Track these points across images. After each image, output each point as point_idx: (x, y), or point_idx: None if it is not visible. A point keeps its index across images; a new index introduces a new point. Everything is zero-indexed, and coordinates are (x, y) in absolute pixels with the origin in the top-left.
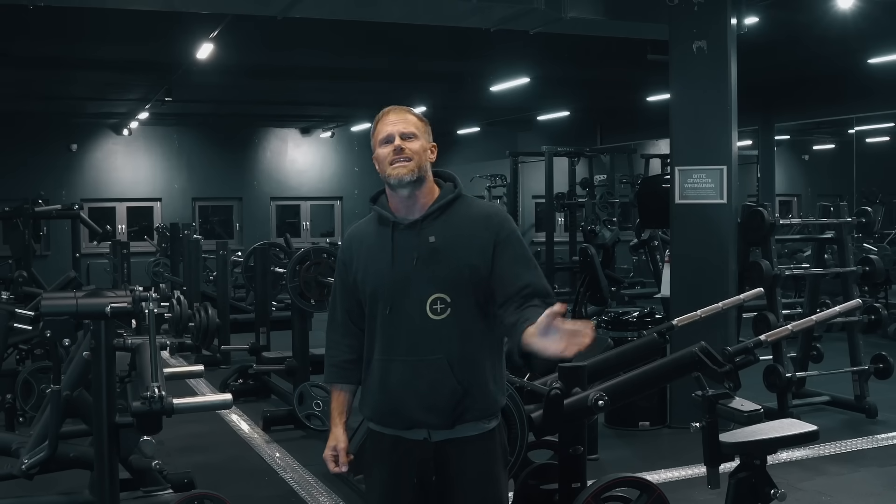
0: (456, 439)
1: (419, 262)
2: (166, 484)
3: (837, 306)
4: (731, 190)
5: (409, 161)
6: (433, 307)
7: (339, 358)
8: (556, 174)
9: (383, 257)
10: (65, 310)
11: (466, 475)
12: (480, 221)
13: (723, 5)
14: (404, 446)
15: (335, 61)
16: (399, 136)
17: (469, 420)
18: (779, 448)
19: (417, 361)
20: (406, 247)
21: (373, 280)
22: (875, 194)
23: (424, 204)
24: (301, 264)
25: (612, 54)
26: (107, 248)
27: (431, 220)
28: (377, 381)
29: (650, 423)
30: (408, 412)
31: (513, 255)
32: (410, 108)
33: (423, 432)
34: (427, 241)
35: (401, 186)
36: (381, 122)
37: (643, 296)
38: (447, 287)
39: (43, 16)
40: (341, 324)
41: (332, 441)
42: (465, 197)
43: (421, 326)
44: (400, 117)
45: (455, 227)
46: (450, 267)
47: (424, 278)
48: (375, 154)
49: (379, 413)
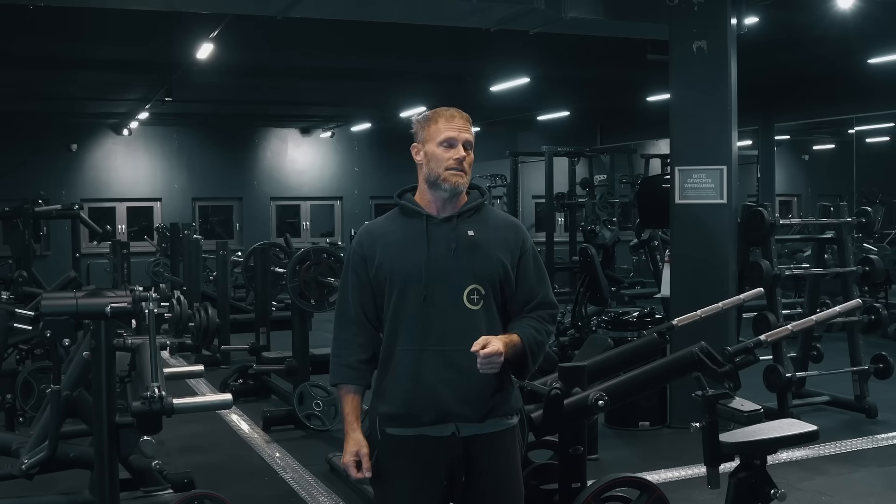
0: (484, 435)
1: (457, 253)
2: (166, 484)
3: (837, 306)
4: (731, 190)
5: (465, 174)
6: (470, 297)
7: (352, 358)
8: (556, 174)
9: (417, 247)
10: (65, 310)
11: (494, 471)
12: (508, 228)
13: (723, 5)
14: (431, 445)
15: (335, 61)
16: (463, 146)
17: (497, 415)
18: (779, 448)
19: (453, 351)
20: (442, 238)
21: (404, 269)
22: (875, 194)
23: (456, 205)
24: (301, 264)
25: (612, 54)
26: (107, 248)
27: (466, 217)
28: (406, 371)
29: (650, 423)
30: (440, 404)
31: (533, 267)
32: (468, 116)
33: (451, 427)
34: (465, 234)
35: (451, 192)
36: (444, 120)
37: (643, 296)
38: (483, 279)
39: (43, 16)
40: (354, 321)
41: (352, 446)
42: (488, 205)
43: (457, 316)
44: (465, 126)
45: (488, 227)
46: (486, 261)
47: (462, 269)
48: (427, 149)
49: (406, 406)
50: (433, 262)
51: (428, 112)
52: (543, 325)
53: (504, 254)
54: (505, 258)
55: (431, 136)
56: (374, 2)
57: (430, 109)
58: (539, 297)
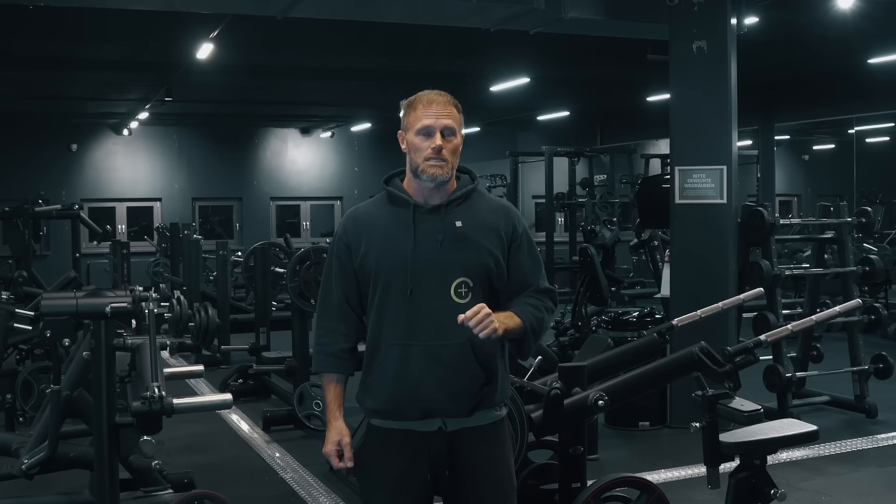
0: (470, 428)
1: (444, 245)
2: (166, 484)
3: (837, 306)
4: (731, 190)
5: (446, 163)
6: (458, 291)
7: (335, 346)
8: (556, 174)
9: (403, 239)
10: (65, 310)
11: (480, 462)
12: (499, 213)
13: (723, 5)
14: (416, 440)
15: (335, 61)
16: (440, 134)
17: (485, 408)
18: (779, 448)
19: (440, 345)
20: (429, 229)
21: (389, 262)
22: (875, 194)
23: (445, 192)
24: (301, 264)
25: (612, 54)
26: (107, 248)
27: (454, 206)
28: (392, 367)
29: (650, 423)
30: (427, 399)
31: (526, 253)
32: (451, 97)
33: (437, 422)
34: (453, 224)
35: (433, 183)
36: (422, 107)
37: (643, 296)
38: (471, 272)
39: (43, 16)
40: (336, 310)
41: (333, 435)
42: (479, 189)
43: (444, 310)
44: (443, 110)
45: (477, 215)
46: (475, 252)
47: (449, 261)
48: (408, 138)
49: (392, 402)
50: (419, 255)
51: (412, 97)
52: (542, 303)
53: (494, 243)
54: (495, 248)
55: (411, 125)
56: (374, 2)
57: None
58: (533, 285)
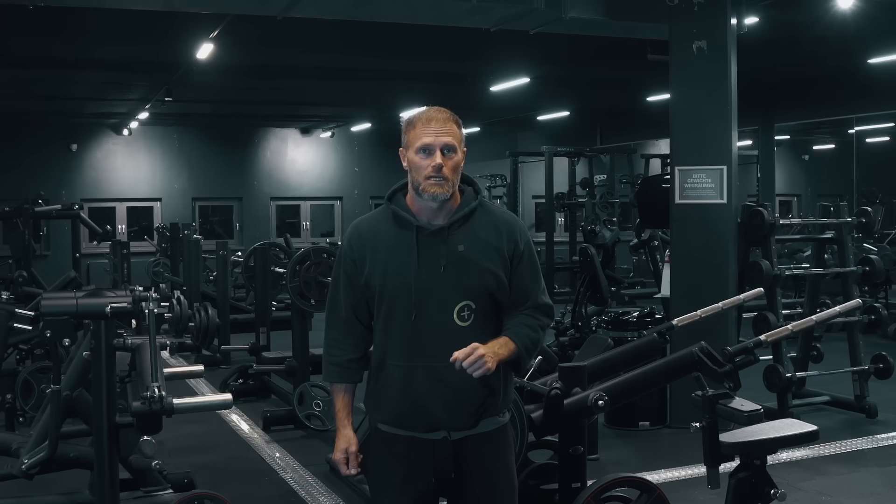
0: (474, 435)
1: (447, 270)
2: (166, 484)
3: (837, 306)
4: (731, 190)
5: (447, 181)
6: (461, 314)
7: (343, 357)
8: (556, 174)
9: (406, 261)
10: (65, 310)
11: (484, 468)
12: (501, 231)
13: (723, 5)
14: (421, 447)
15: (335, 61)
16: (440, 152)
17: (489, 416)
18: (779, 448)
19: (443, 367)
20: (432, 253)
21: (393, 284)
22: (875, 194)
23: (448, 209)
24: (301, 264)
25: (612, 54)
26: (107, 248)
27: (457, 227)
28: (398, 387)
29: (650, 423)
30: (431, 417)
31: (527, 268)
32: (451, 113)
33: (442, 433)
34: (456, 249)
35: (435, 201)
36: (421, 124)
37: (643, 296)
38: (473, 295)
39: (43, 16)
40: (345, 321)
41: (342, 443)
42: (483, 203)
43: (447, 333)
44: (443, 128)
45: (479, 236)
46: (477, 276)
47: (452, 286)
48: (408, 156)
49: (398, 417)
50: (423, 279)
51: (412, 115)
52: (536, 320)
53: (496, 263)
54: (497, 268)
55: (411, 142)
56: (374, 2)
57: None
58: (531, 300)
